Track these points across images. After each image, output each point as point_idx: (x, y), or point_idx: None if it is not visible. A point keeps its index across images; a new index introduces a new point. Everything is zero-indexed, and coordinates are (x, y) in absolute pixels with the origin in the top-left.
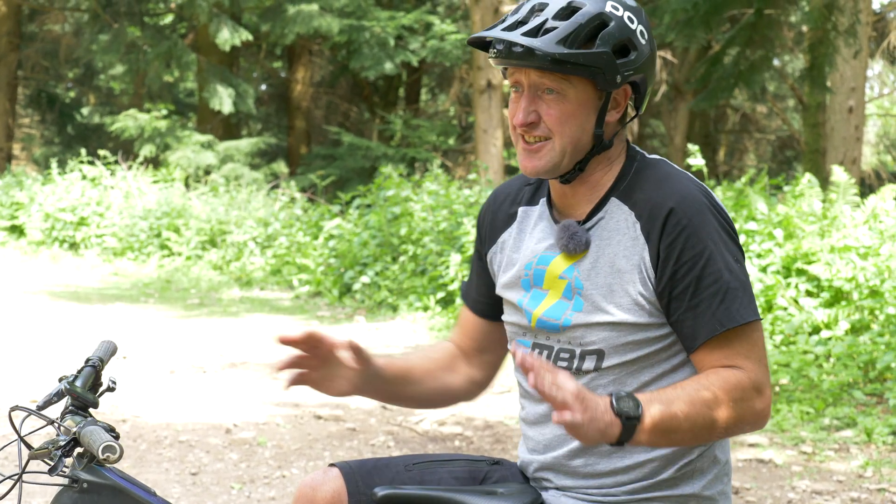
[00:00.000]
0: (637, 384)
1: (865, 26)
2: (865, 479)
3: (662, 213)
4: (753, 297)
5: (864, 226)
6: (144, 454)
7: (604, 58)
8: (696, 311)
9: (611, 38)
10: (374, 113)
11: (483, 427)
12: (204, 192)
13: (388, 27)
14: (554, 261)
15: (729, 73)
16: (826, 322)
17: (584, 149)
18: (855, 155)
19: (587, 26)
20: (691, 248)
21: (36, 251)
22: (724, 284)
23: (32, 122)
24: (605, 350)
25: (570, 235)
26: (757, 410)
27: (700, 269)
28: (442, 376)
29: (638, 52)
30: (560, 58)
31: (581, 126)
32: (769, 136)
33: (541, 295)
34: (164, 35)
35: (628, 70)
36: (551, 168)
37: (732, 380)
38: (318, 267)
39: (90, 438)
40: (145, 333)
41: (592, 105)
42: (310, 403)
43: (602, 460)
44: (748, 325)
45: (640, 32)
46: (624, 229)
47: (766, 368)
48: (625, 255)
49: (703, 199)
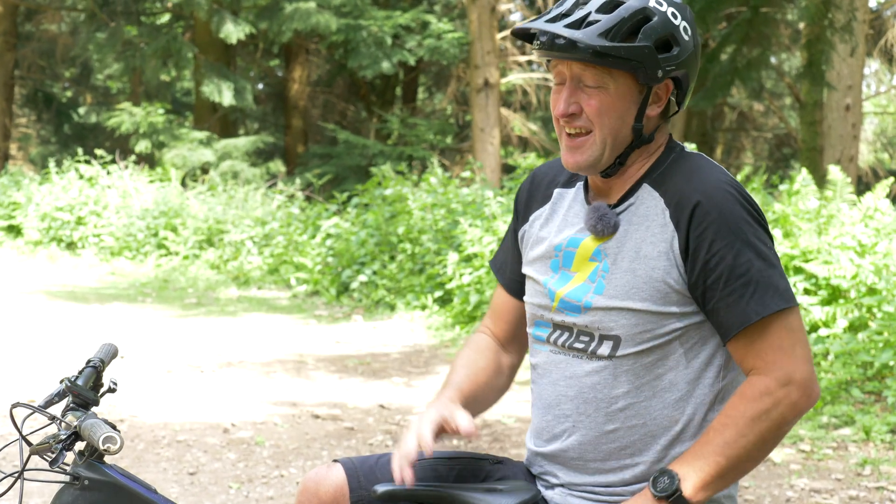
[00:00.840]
0: (650, 377)
1: (862, 24)
2: (864, 477)
3: (691, 204)
4: (787, 284)
5: (861, 223)
6: (142, 454)
7: (645, 52)
8: (728, 300)
9: (653, 33)
10: (371, 112)
11: (481, 426)
12: (201, 191)
13: (385, 26)
14: (583, 242)
15: (726, 71)
16: (824, 320)
17: (624, 142)
18: (852, 153)
19: (630, 20)
20: (722, 239)
21: (33, 251)
22: (756, 274)
23: (29, 122)
24: (623, 337)
25: (600, 217)
26: (794, 402)
27: (732, 259)
28: (496, 383)
29: (681, 47)
30: (602, 50)
31: (621, 118)
32: (766, 134)
33: (568, 276)
34: (161, 33)
35: (670, 65)
36: (593, 162)
37: (754, 395)
38: (316, 266)
39: (90, 430)
40: (143, 333)
41: (633, 98)
42: (307, 403)
43: (610, 459)
44: (782, 313)
45: (684, 28)
46: (653, 216)
47: (802, 353)
48: (652, 242)
49: (731, 190)
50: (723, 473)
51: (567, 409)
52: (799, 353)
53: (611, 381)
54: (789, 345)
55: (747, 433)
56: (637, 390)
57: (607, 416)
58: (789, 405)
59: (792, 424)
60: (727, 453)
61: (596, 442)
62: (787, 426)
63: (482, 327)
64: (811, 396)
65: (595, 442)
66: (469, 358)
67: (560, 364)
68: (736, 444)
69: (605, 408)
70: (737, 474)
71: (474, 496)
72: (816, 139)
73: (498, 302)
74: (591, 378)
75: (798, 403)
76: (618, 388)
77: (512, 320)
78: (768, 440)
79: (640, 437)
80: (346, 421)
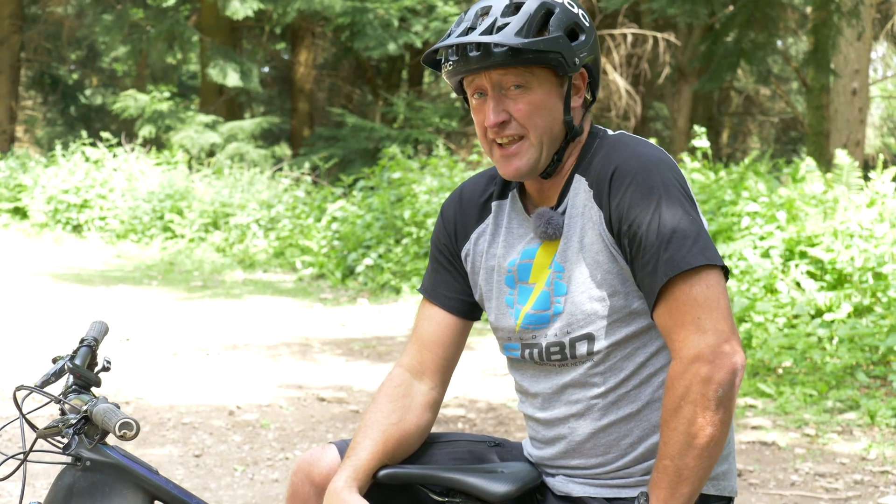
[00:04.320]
0: (633, 367)
1: (869, 8)
2: (869, 461)
3: (608, 178)
4: (710, 244)
5: (867, 208)
6: (148, 436)
7: (560, 42)
8: (647, 268)
9: (560, 24)
10: (377, 95)
11: (486, 409)
12: (207, 174)
13: (392, 9)
14: (538, 252)
15: (731, 52)
16: (829, 305)
17: (559, 138)
18: (858, 137)
19: (536, 16)
20: (637, 204)
21: (39, 233)
22: (669, 233)
23: (35, 104)
24: (595, 333)
25: (546, 221)
26: (704, 377)
27: (647, 224)
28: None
29: (586, 34)
30: (522, 47)
31: (551, 114)
32: (773, 118)
33: (527, 290)
34: (167, 15)
35: (582, 52)
36: (532, 165)
37: (669, 384)
38: (322, 249)
39: (104, 416)
40: (148, 316)
41: (557, 93)
42: (313, 385)
43: (611, 451)
44: (699, 274)
45: (583, 16)
46: (585, 202)
47: (711, 321)
48: (590, 228)
49: (649, 157)
50: (678, 474)
51: (558, 413)
52: (705, 323)
53: (596, 379)
54: (695, 314)
55: (676, 426)
56: (625, 381)
57: (601, 412)
58: (701, 382)
59: (719, 400)
60: (669, 453)
61: (594, 438)
62: (713, 403)
63: (402, 360)
64: (724, 367)
65: (593, 438)
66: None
67: (543, 373)
68: (671, 440)
69: (596, 405)
70: (695, 471)
71: (476, 479)
72: (823, 123)
73: (427, 329)
74: (577, 381)
75: (712, 378)
76: (606, 384)
77: (446, 342)
78: (702, 425)
79: (637, 422)
80: (352, 404)
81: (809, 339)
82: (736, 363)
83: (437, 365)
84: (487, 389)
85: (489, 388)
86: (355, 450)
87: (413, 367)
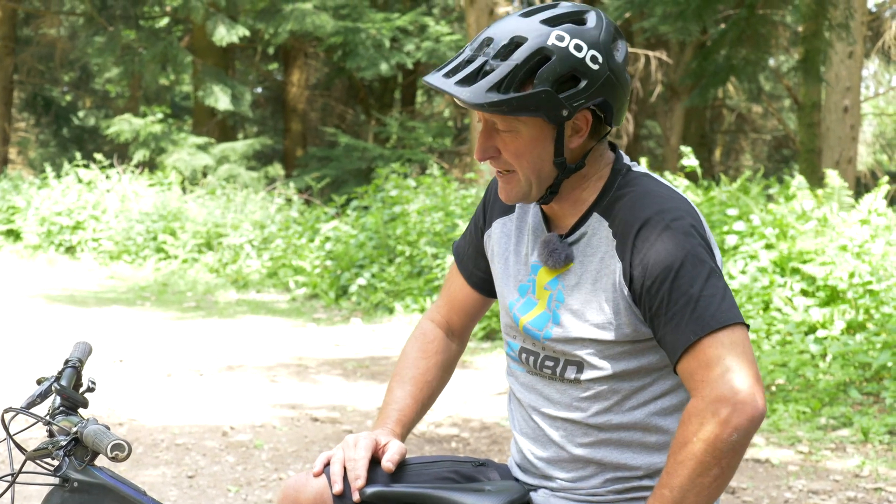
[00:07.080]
0: (620, 397)
1: (861, 25)
2: (862, 478)
3: (633, 230)
4: (732, 302)
5: (859, 225)
6: (141, 457)
7: (542, 97)
8: (670, 325)
9: (551, 75)
10: (369, 115)
11: (479, 428)
12: (200, 195)
13: (384, 29)
14: (540, 271)
15: (721, 68)
16: (822, 321)
17: (550, 176)
18: (851, 155)
19: (525, 66)
20: (661, 263)
21: (32, 255)
22: (696, 294)
23: (28, 126)
24: (584, 363)
25: (550, 252)
26: (724, 419)
27: (671, 283)
28: (441, 383)
29: (589, 79)
30: (492, 105)
31: (539, 157)
32: (765, 136)
33: (532, 303)
34: (160, 37)
35: (578, 100)
36: (522, 196)
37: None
38: (315, 269)
39: (95, 438)
40: (142, 336)
41: (546, 137)
42: (306, 406)
43: (593, 476)
44: (720, 332)
45: (592, 58)
46: (605, 246)
47: (739, 369)
48: (606, 273)
49: (675, 212)
50: None
51: (543, 428)
52: (734, 370)
53: (583, 402)
54: (723, 362)
55: (683, 460)
56: (608, 410)
57: (583, 433)
58: (719, 423)
59: (733, 444)
60: (670, 483)
61: (573, 459)
62: (726, 445)
63: (433, 314)
64: (745, 413)
65: (573, 459)
66: (416, 367)
67: (534, 385)
68: (675, 472)
69: (578, 428)
70: None
71: (463, 497)
72: (815, 141)
73: (455, 289)
74: (563, 399)
75: (730, 420)
76: (591, 408)
77: (469, 312)
78: (710, 465)
79: (618, 451)
80: (346, 424)
81: (802, 356)
82: (756, 412)
83: (463, 326)
84: (481, 408)
85: (483, 407)
86: (398, 403)
87: (443, 324)
